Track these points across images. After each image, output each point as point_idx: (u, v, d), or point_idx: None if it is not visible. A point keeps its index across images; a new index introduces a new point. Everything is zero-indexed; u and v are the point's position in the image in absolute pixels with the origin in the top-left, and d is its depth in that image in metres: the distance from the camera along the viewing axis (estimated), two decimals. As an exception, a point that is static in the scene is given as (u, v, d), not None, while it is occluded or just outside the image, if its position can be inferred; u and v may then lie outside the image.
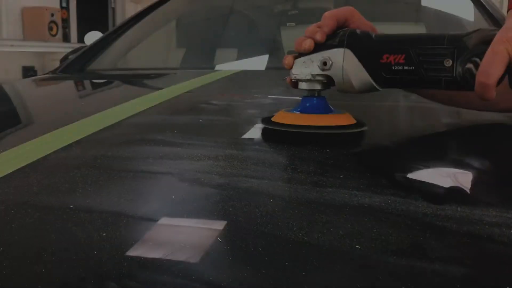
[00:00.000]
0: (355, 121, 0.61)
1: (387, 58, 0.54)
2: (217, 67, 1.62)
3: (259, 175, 0.46)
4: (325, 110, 0.60)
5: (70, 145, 0.55)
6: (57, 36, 4.17)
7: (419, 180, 0.47)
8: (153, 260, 0.33)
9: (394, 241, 0.35)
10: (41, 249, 0.34)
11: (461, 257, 0.34)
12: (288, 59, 0.59)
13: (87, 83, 1.20)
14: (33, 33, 4.04)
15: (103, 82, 1.20)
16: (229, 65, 1.66)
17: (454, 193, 0.44)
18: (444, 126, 0.72)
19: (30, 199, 0.42)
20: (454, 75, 0.51)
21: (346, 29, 0.59)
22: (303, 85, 0.60)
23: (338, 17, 0.58)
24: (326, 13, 0.58)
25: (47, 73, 1.51)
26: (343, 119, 0.60)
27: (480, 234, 0.36)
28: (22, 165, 0.49)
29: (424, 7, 1.72)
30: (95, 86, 1.14)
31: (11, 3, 3.92)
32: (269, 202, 0.41)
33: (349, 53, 0.56)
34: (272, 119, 0.61)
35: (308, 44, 0.57)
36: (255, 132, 0.62)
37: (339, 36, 0.57)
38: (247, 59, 1.67)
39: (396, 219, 0.38)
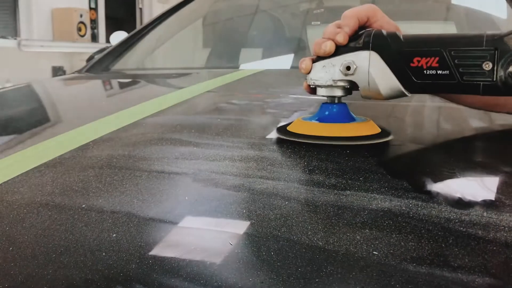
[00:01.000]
0: (379, 130, 0.56)
1: (418, 61, 0.50)
2: (241, 66, 1.62)
3: (275, 177, 0.45)
4: (346, 118, 0.56)
5: (87, 144, 0.55)
6: (85, 37, 4.24)
7: (443, 184, 0.45)
8: (162, 262, 0.32)
9: (413, 248, 0.34)
10: (49, 249, 0.34)
11: (486, 266, 0.32)
12: (305, 63, 0.54)
13: (108, 82, 1.21)
14: (62, 33, 4.11)
15: (125, 82, 1.20)
16: (254, 65, 1.65)
17: (481, 197, 0.42)
18: (473, 129, 0.69)
19: (43, 198, 0.42)
20: (495, 79, 0.47)
21: (369, 29, 0.54)
22: (322, 91, 0.55)
23: (360, 15, 0.54)
24: (347, 12, 0.54)
25: (73, 73, 1.53)
26: (366, 129, 0.55)
27: (507, 241, 0.34)
28: (38, 164, 0.49)
29: (454, 4, 1.67)
30: (116, 85, 1.15)
31: (41, 5, 4.00)
32: (284, 204, 0.39)
33: (375, 56, 0.51)
34: (288, 128, 0.57)
35: (329, 46, 0.52)
36: (272, 132, 0.61)
37: (363, 37, 0.52)
38: (271, 59, 1.65)
39: (417, 224, 0.36)
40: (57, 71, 4.09)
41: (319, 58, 0.54)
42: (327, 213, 0.38)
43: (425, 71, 0.50)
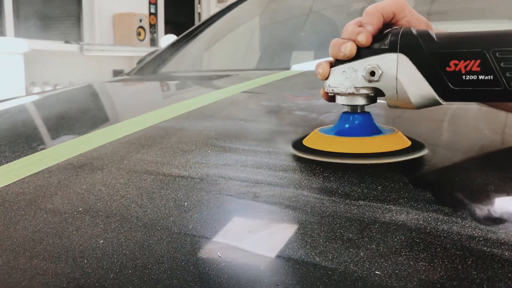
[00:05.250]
0: (409, 143, 0.48)
1: (456, 65, 0.43)
2: (293, 67, 1.58)
3: (284, 183, 0.42)
4: (370, 131, 0.49)
5: (103, 146, 0.54)
6: (144, 41, 4.36)
7: (473, 197, 0.40)
8: (142, 273, 0.30)
9: (423, 268, 0.29)
10: (32, 254, 0.33)
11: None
12: (322, 67, 0.47)
13: (148, 85, 1.22)
14: (122, 38, 4.25)
15: (164, 84, 1.21)
16: (304, 66, 1.62)
17: (515, 212, 0.37)
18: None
19: (43, 200, 0.41)
20: None
21: (396, 27, 0.47)
22: (341, 100, 0.48)
23: (385, 11, 0.47)
24: (369, 8, 0.47)
25: (123, 75, 1.56)
26: (393, 143, 0.48)
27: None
28: (51, 164, 0.49)
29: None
30: (153, 88, 1.15)
31: (103, 10, 4.16)
32: (286, 213, 0.36)
33: (404, 59, 0.44)
34: (304, 141, 0.51)
35: (349, 48, 0.45)
36: (293, 135, 0.58)
37: (390, 37, 0.45)
38: (321, 60, 1.61)
39: (432, 241, 0.32)
40: (117, 74, 4.23)
41: (338, 61, 0.47)
42: (332, 225, 0.34)
43: (464, 77, 0.43)
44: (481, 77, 0.42)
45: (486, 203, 0.39)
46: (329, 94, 0.49)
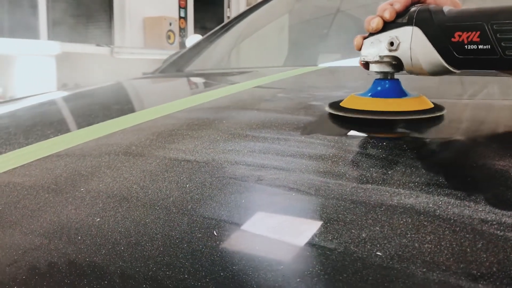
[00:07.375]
0: (431, 105, 0.55)
1: (460, 36, 0.48)
2: (320, 65, 1.57)
3: (291, 167, 0.40)
4: (398, 93, 0.55)
5: (114, 133, 0.54)
6: (174, 44, 4.40)
7: (489, 181, 0.38)
8: (134, 251, 0.29)
9: (428, 251, 0.28)
10: (28, 230, 0.32)
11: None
12: (357, 40, 0.56)
13: (167, 81, 1.22)
14: (152, 41, 4.31)
15: (184, 81, 1.21)
16: (328, 64, 1.60)
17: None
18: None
19: (47, 181, 0.41)
20: None
21: (418, 5, 0.53)
22: (373, 67, 0.56)
23: None
24: None
25: (147, 74, 1.58)
26: (417, 104, 0.54)
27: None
28: (61, 149, 0.49)
29: None
30: (174, 84, 1.15)
31: (134, 14, 4.22)
32: (289, 196, 0.35)
33: (417, 31, 0.51)
34: (341, 103, 0.57)
35: (376, 22, 0.53)
36: (306, 122, 0.56)
37: (409, 13, 0.52)
38: (347, 57, 1.59)
39: (441, 224, 0.30)
40: (147, 77, 4.28)
41: (369, 34, 0.55)
42: (336, 208, 0.33)
43: (466, 46, 0.48)
44: (480, 46, 0.47)
45: (503, 187, 0.36)
46: (362, 63, 0.57)
